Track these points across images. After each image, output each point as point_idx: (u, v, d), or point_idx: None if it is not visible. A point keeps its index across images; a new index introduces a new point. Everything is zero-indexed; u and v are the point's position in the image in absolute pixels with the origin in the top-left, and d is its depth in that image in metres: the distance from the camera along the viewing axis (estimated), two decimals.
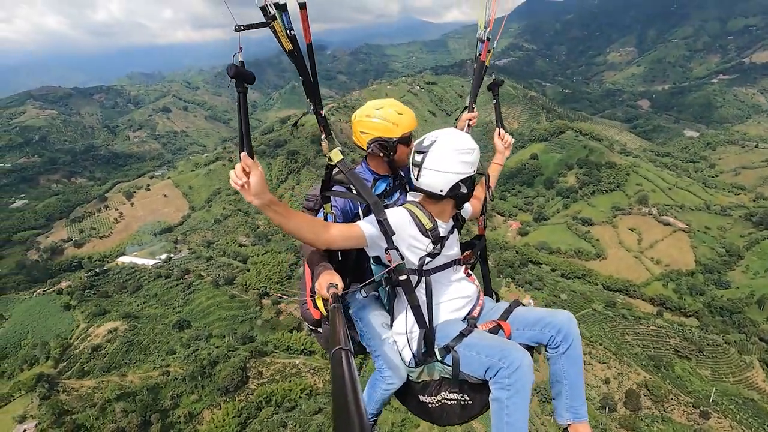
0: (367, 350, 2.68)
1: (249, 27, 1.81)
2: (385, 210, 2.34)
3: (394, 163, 2.72)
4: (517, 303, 2.64)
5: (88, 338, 54.10)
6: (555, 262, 72.81)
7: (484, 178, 2.88)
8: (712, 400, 44.52)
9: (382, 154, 2.64)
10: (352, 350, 1.33)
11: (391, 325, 2.63)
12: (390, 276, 2.33)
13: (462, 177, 2.36)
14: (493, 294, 2.96)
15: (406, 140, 2.67)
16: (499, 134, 3.25)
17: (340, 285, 2.09)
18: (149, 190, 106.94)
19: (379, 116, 2.61)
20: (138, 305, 63.30)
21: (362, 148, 2.69)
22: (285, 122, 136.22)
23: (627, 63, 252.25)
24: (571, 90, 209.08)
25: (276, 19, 1.86)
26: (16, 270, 76.67)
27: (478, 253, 2.81)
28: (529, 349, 2.47)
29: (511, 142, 3.27)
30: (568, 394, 2.46)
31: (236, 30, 1.78)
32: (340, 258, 2.60)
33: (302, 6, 1.94)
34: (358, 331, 2.67)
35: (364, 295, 2.41)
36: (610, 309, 58.71)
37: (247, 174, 1.82)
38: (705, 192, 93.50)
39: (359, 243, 2.33)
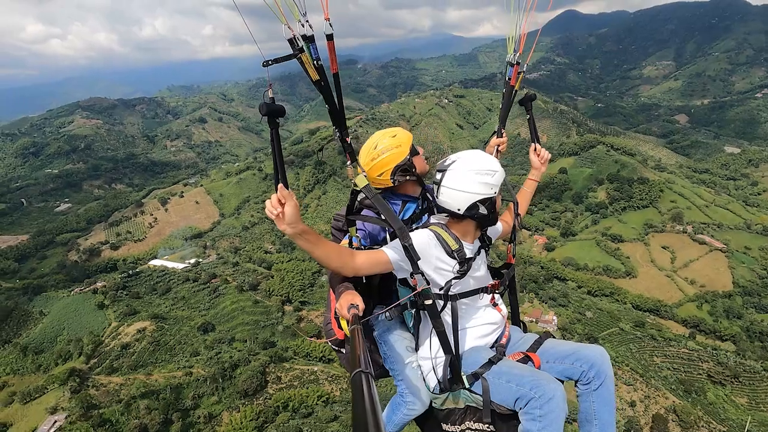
0: (390, 374, 2.64)
1: (276, 61, 1.90)
2: (411, 234, 2.36)
3: (421, 179, 2.76)
4: (547, 335, 2.57)
5: (119, 336, 56.40)
6: (581, 279, 70.78)
7: (512, 204, 2.82)
8: (748, 430, 41.94)
9: (408, 177, 2.67)
10: (373, 373, 1.30)
11: (417, 349, 2.59)
12: (415, 300, 2.32)
13: (480, 198, 2.34)
14: (521, 324, 2.88)
15: (414, 151, 2.71)
16: (535, 149, 3.19)
17: (361, 306, 2.12)
18: (182, 197, 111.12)
19: (382, 150, 2.63)
20: (166, 307, 65.59)
21: (391, 187, 2.69)
22: (314, 133, 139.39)
23: (664, 77, 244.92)
24: (604, 104, 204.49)
25: (303, 51, 1.92)
26: (57, 269, 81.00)
27: (506, 282, 2.71)
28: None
29: (548, 158, 3.21)
30: None
31: (264, 65, 1.85)
32: (364, 280, 2.62)
33: (329, 37, 1.99)
34: (382, 353, 2.64)
35: (389, 317, 2.45)
36: (639, 329, 56.44)
37: (282, 204, 1.91)
38: (745, 211, 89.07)
39: (386, 268, 2.32)
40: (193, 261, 78.15)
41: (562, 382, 2.32)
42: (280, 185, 1.88)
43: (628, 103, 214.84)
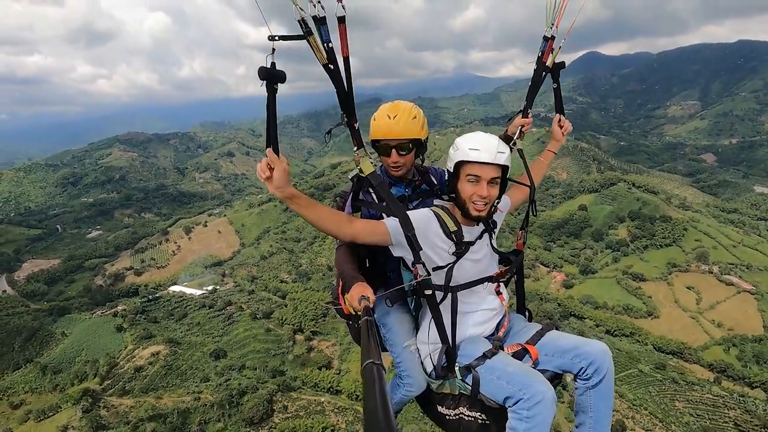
0: (389, 355, 2.67)
1: (284, 38, 1.87)
2: (413, 208, 2.45)
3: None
4: (549, 326, 2.53)
5: (133, 359, 57.54)
6: (600, 318, 68.50)
7: (525, 178, 2.80)
8: None
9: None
10: (383, 364, 1.38)
11: (417, 332, 2.62)
12: (416, 287, 2.34)
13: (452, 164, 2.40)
14: (526, 312, 2.84)
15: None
16: (560, 120, 3.16)
17: (372, 298, 2.15)
18: (206, 226, 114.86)
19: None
20: (181, 332, 66.78)
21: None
22: (335, 167, 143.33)
23: (689, 116, 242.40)
24: (627, 142, 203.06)
25: (312, 33, 1.92)
26: (83, 293, 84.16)
27: (514, 269, 2.69)
28: (557, 376, 2.40)
29: (570, 130, 3.19)
30: (592, 426, 2.35)
31: (270, 39, 1.84)
32: (368, 264, 2.68)
33: (341, 20, 2.01)
34: (382, 336, 2.70)
35: (389, 304, 2.48)
36: (660, 371, 53.81)
37: (272, 169, 1.99)
38: None
39: (383, 240, 2.36)
40: (210, 288, 79.86)
41: (561, 375, 2.37)
42: (269, 149, 1.98)
43: (652, 142, 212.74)
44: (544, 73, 2.99)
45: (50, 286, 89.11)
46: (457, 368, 2.36)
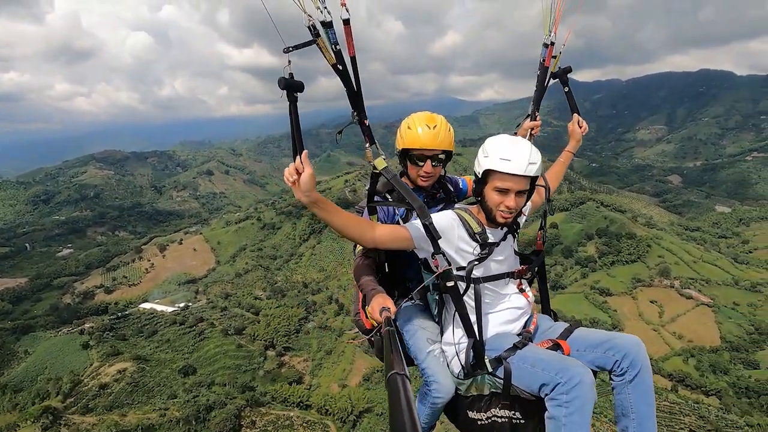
0: (415, 363, 2.58)
1: (296, 47, 1.95)
2: (433, 212, 2.36)
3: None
4: (577, 324, 2.48)
5: (98, 376, 56.41)
6: None
7: (542, 181, 2.72)
8: None
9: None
10: (408, 375, 1.33)
11: (441, 336, 2.56)
12: (438, 282, 2.31)
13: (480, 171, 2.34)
14: (552, 313, 2.80)
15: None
16: (578, 121, 3.20)
17: (393, 309, 2.14)
18: (181, 243, 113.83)
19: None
20: (150, 349, 65.72)
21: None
22: (317, 185, 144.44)
23: (657, 140, 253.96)
24: (598, 164, 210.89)
25: (320, 36, 2.00)
26: (50, 311, 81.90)
27: (536, 269, 2.65)
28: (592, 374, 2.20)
29: (587, 130, 3.26)
30: (636, 430, 2.16)
31: (285, 51, 1.91)
32: (387, 269, 2.67)
33: (346, 22, 2.07)
34: (405, 343, 2.62)
35: (415, 300, 2.50)
36: None
37: (299, 174, 1.96)
38: (734, 267, 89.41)
39: (406, 245, 2.34)
40: (182, 304, 79.05)
41: (595, 373, 2.20)
42: (304, 153, 1.96)
43: (622, 164, 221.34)
44: (549, 79, 3.13)
45: (15, 305, 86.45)
46: (486, 361, 2.28)
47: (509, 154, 2.22)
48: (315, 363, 64.67)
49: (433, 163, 2.67)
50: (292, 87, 1.90)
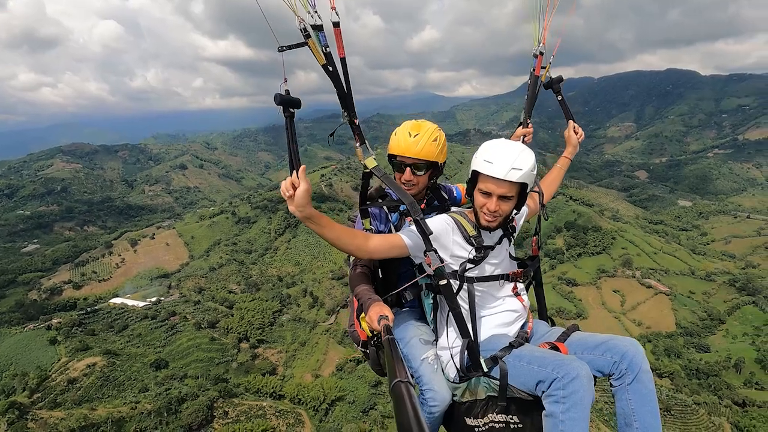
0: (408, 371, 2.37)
1: (290, 47, 2.02)
2: (427, 218, 2.35)
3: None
4: (574, 327, 2.41)
5: (67, 371, 55.71)
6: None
7: (537, 188, 2.75)
8: None
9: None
10: (412, 382, 1.32)
11: (437, 342, 2.52)
12: (431, 282, 2.30)
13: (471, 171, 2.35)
14: (549, 319, 2.77)
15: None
16: (574, 128, 3.24)
17: (391, 317, 2.14)
18: (153, 238, 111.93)
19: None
20: (121, 344, 65.15)
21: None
22: None
23: (626, 137, 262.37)
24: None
25: (310, 37, 2.06)
26: (15, 308, 79.66)
27: (531, 273, 2.64)
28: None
29: (583, 137, 3.30)
30: None
31: (279, 50, 1.98)
32: (381, 275, 2.67)
33: (336, 24, 2.12)
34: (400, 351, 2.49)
35: (409, 297, 2.46)
36: None
37: (295, 188, 1.97)
38: (691, 258, 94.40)
39: (401, 252, 2.34)
40: (154, 299, 78.28)
41: (595, 379, 2.14)
42: (302, 168, 1.97)
43: (593, 160, 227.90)
44: (539, 88, 3.17)
45: None
46: (482, 361, 2.24)
47: (493, 157, 2.24)
48: (289, 354, 65.40)
49: (414, 172, 2.65)
50: (288, 103, 1.95)
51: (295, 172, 1.96)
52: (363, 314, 2.32)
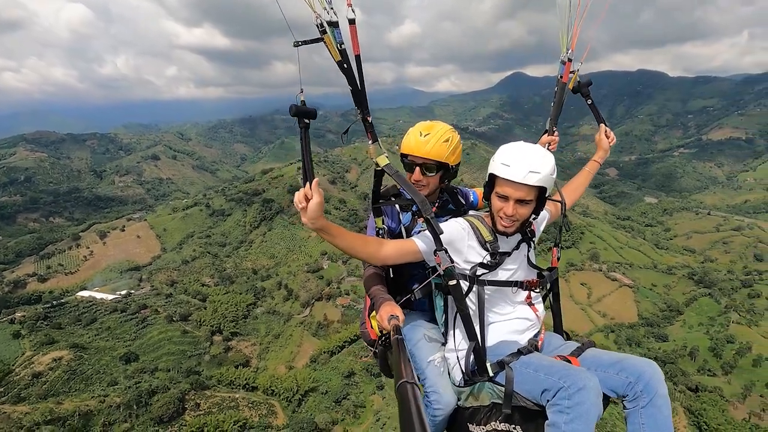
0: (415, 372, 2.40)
1: (305, 42, 2.03)
2: (441, 221, 2.32)
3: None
4: (590, 343, 2.34)
5: (31, 365, 54.34)
6: None
7: (559, 195, 2.70)
8: None
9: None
10: (418, 383, 1.32)
11: (445, 345, 2.50)
12: (441, 282, 2.26)
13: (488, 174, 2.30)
14: (564, 334, 2.67)
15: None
16: (605, 131, 3.19)
17: (401, 317, 2.13)
18: (124, 230, 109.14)
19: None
20: (89, 337, 63.78)
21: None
22: (266, 173, 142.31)
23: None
24: None
25: (326, 33, 2.06)
26: None
27: (548, 285, 2.55)
28: (604, 399, 2.01)
29: (615, 141, 3.27)
30: None
31: (294, 45, 1.96)
32: (392, 275, 2.66)
33: (351, 21, 2.13)
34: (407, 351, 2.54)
35: (419, 296, 2.42)
36: None
37: (308, 200, 1.95)
38: (654, 252, 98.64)
39: (415, 258, 2.32)
40: (124, 292, 76.73)
41: (607, 399, 2.05)
42: (315, 180, 1.95)
43: (566, 157, 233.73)
44: (566, 94, 3.13)
45: None
46: (488, 365, 2.20)
47: (511, 159, 2.19)
48: (263, 347, 65.43)
49: (424, 172, 2.65)
50: (303, 114, 1.95)
51: (308, 184, 1.95)
52: (374, 313, 2.34)
